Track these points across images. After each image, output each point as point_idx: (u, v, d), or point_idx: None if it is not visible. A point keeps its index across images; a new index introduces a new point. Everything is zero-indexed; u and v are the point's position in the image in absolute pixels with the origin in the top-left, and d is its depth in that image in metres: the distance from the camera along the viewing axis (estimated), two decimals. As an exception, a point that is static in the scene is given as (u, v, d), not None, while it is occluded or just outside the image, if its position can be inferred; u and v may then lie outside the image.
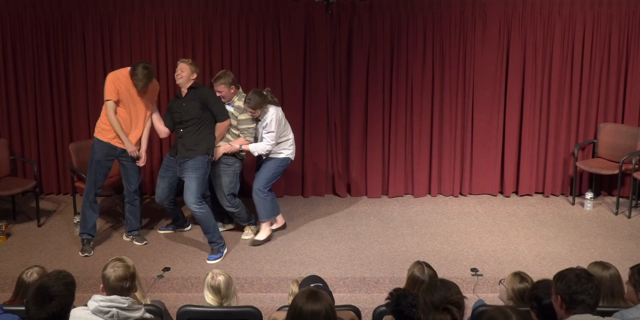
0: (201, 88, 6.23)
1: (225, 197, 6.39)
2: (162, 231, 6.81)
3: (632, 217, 7.19)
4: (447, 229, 6.94)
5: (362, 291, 5.84)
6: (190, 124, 6.17)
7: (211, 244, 6.24)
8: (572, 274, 3.21)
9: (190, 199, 6.06)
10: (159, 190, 6.38)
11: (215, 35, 7.37)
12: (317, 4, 7.04)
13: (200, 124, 6.16)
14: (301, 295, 3.08)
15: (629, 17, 7.42)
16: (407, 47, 7.45)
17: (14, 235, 6.73)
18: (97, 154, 6.19)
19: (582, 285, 3.15)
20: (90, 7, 7.30)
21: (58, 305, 3.01)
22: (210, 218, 6.15)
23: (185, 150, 6.16)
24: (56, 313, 3.02)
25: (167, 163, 6.36)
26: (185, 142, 6.16)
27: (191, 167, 6.12)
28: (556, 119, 7.63)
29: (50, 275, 3.10)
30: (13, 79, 7.44)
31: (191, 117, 6.16)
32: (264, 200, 6.41)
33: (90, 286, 5.77)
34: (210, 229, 6.17)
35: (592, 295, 3.15)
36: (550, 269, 6.00)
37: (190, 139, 6.16)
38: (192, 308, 4.01)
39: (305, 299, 3.03)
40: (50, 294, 3.01)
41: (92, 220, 6.33)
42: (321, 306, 3.00)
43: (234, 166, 6.38)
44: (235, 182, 6.42)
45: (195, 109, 6.15)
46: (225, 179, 6.37)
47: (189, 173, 6.12)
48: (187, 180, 6.12)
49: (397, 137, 7.66)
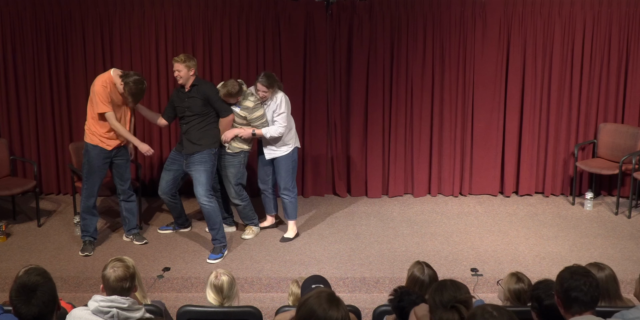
0: (203, 84, 6.25)
1: (232, 187, 6.45)
2: (163, 231, 6.81)
3: (632, 217, 7.19)
4: (447, 229, 6.94)
5: (362, 291, 5.84)
6: (193, 119, 6.22)
7: (214, 242, 6.26)
8: (567, 271, 3.18)
9: (200, 191, 6.13)
10: (163, 182, 6.46)
11: (215, 35, 7.37)
12: (317, 4, 7.04)
13: (203, 119, 6.21)
14: (317, 298, 2.84)
15: (629, 17, 7.42)
16: (407, 47, 7.45)
17: (14, 235, 6.73)
18: (95, 160, 6.15)
19: (575, 281, 3.10)
20: (90, 7, 7.30)
21: (43, 293, 2.99)
22: (218, 214, 6.21)
23: (191, 145, 6.21)
24: (46, 301, 2.99)
25: (173, 156, 6.46)
26: (191, 137, 6.22)
27: (198, 160, 6.18)
28: (556, 119, 7.63)
29: (20, 274, 3.09)
30: (13, 79, 7.44)
31: (194, 113, 6.21)
32: (294, 200, 6.55)
33: (90, 286, 5.77)
34: (216, 226, 6.21)
35: (587, 292, 3.09)
36: (550, 269, 6.00)
37: (195, 133, 6.20)
38: (192, 308, 4.01)
39: (327, 305, 2.79)
40: (31, 286, 2.99)
41: (93, 225, 6.34)
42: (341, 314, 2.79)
43: (239, 157, 6.43)
44: (242, 172, 6.49)
45: (198, 105, 6.19)
46: (231, 169, 6.43)
47: (196, 166, 6.18)
48: (195, 174, 6.18)
49: (397, 137, 7.66)
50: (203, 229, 6.86)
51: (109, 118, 6.02)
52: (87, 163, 6.20)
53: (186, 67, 6.12)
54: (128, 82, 5.94)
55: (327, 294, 2.85)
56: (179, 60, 6.14)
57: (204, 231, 6.80)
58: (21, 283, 3.02)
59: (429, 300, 3.12)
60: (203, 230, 6.82)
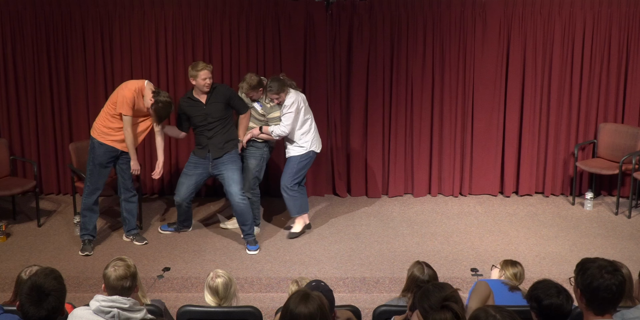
0: (219, 87, 6.37)
1: (249, 179, 6.56)
2: (164, 231, 6.81)
3: (632, 217, 7.20)
4: (447, 229, 6.94)
5: (362, 291, 5.84)
6: (216, 126, 6.32)
7: (247, 237, 6.40)
8: (595, 266, 2.99)
9: (235, 189, 6.26)
10: (184, 188, 6.46)
11: (215, 35, 7.37)
12: (317, 4, 7.04)
13: (225, 123, 6.36)
14: (293, 297, 3.06)
15: (629, 17, 7.42)
16: (407, 47, 7.45)
17: (14, 235, 6.73)
18: (101, 158, 6.18)
19: (606, 281, 2.95)
20: (90, 7, 7.30)
21: (55, 299, 3.01)
22: (249, 211, 6.34)
23: (218, 150, 6.34)
24: (55, 307, 3.02)
25: (196, 161, 6.47)
26: (216, 142, 6.34)
27: (228, 160, 6.34)
28: (556, 119, 7.64)
29: (37, 273, 3.10)
30: (13, 78, 7.44)
31: (217, 118, 6.30)
32: (292, 197, 6.59)
33: (91, 286, 5.77)
34: (248, 222, 6.34)
35: (615, 292, 2.95)
36: (550, 269, 6.01)
37: (221, 138, 6.34)
38: (192, 308, 4.02)
39: (297, 301, 3.00)
40: (45, 290, 3.01)
41: (92, 222, 6.34)
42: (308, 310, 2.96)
43: (262, 150, 6.59)
44: (261, 166, 6.62)
45: (220, 110, 6.31)
46: (252, 160, 6.57)
47: (227, 166, 6.33)
48: (228, 173, 6.31)
49: (397, 137, 7.66)
50: (203, 229, 6.87)
51: (126, 122, 6.06)
52: (92, 160, 6.21)
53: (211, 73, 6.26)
54: (158, 100, 6.01)
55: (303, 292, 3.04)
56: (208, 68, 6.20)
57: (204, 231, 6.81)
58: (37, 284, 3.03)
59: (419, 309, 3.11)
60: (203, 231, 6.83)
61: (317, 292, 3.14)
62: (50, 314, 3.00)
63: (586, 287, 3.01)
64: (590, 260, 3.08)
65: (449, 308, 2.97)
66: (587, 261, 3.08)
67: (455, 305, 2.99)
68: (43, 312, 2.99)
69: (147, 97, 6.05)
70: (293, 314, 2.97)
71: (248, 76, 6.41)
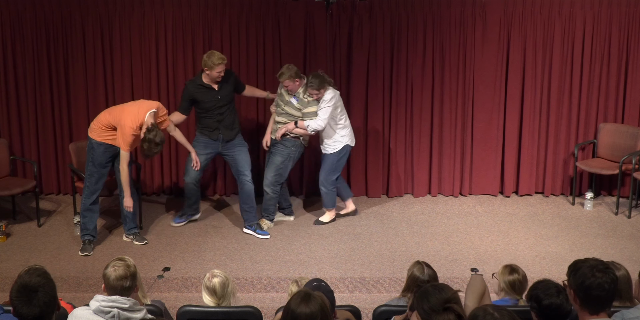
0: (227, 73, 6.54)
1: (271, 175, 6.69)
2: (177, 224, 6.89)
3: (632, 217, 7.20)
4: (447, 229, 6.94)
5: (362, 291, 5.84)
6: (225, 109, 6.59)
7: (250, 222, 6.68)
8: (586, 266, 3.01)
9: (246, 170, 6.61)
10: (193, 168, 6.57)
11: (215, 35, 7.37)
12: (317, 4, 7.04)
13: (231, 106, 6.67)
14: (294, 297, 3.06)
15: (629, 17, 7.42)
16: (407, 47, 7.45)
17: (14, 235, 6.73)
18: (100, 157, 6.18)
19: (597, 279, 2.96)
20: (90, 7, 7.30)
21: (44, 294, 2.99)
22: (253, 195, 6.64)
23: (229, 131, 6.63)
24: (46, 302, 3.00)
25: (205, 141, 6.65)
26: (227, 124, 6.61)
27: (239, 142, 6.71)
28: (556, 119, 7.63)
29: (22, 274, 3.10)
30: (13, 78, 7.44)
31: (227, 101, 6.60)
32: (330, 192, 6.90)
33: (91, 286, 5.77)
34: (252, 205, 6.64)
35: (608, 290, 2.97)
36: (550, 269, 6.01)
37: (229, 119, 6.63)
38: (192, 308, 4.02)
39: (298, 302, 2.99)
40: (32, 287, 3.00)
41: (93, 222, 6.35)
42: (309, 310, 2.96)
43: (290, 149, 6.71)
44: (286, 164, 6.74)
45: (230, 93, 6.64)
46: (278, 157, 6.70)
47: (240, 148, 6.69)
48: (241, 155, 6.66)
49: (397, 137, 7.66)
50: (203, 229, 6.87)
51: (123, 157, 6.06)
52: (91, 161, 6.21)
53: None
54: (146, 138, 5.94)
55: (304, 292, 3.04)
56: (225, 61, 6.43)
57: (204, 231, 6.82)
58: (22, 283, 3.02)
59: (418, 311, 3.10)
60: (203, 231, 6.83)
61: (319, 292, 3.14)
62: (44, 309, 2.98)
63: (579, 287, 3.02)
64: (582, 260, 3.10)
65: (451, 310, 2.97)
66: (579, 262, 3.10)
67: (458, 307, 2.99)
68: (36, 309, 2.97)
69: (144, 127, 6.00)
70: (294, 314, 2.96)
71: (286, 67, 6.55)
